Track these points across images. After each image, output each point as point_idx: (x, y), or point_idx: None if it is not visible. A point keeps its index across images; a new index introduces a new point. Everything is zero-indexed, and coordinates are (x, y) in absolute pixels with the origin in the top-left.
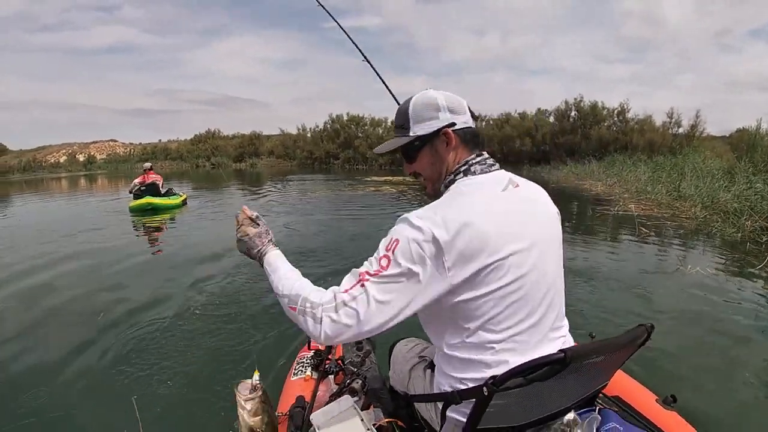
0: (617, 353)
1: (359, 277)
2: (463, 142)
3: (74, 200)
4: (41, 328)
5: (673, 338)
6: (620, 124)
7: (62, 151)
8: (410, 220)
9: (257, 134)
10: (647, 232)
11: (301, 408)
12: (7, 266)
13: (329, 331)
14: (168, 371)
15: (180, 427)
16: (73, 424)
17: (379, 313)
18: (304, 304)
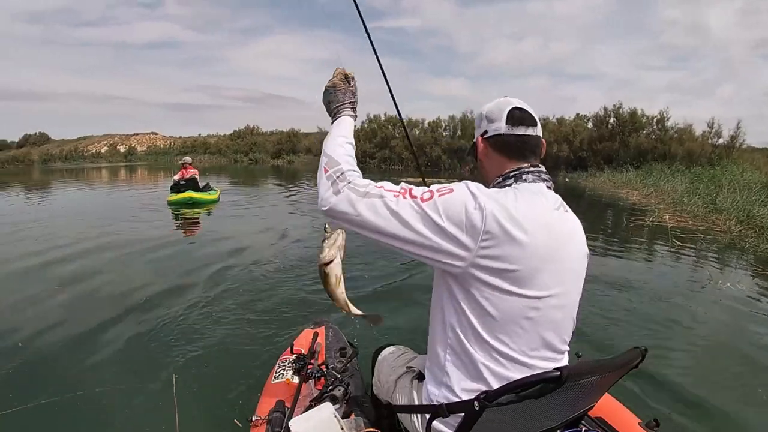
0: (610, 375)
1: (401, 188)
2: (496, 149)
3: (115, 190)
4: (85, 309)
5: (679, 357)
6: (659, 133)
7: (103, 142)
8: (470, 187)
9: (295, 131)
10: (680, 245)
11: (280, 413)
12: (53, 249)
13: (339, 206)
14: (205, 353)
15: (212, 404)
16: (114, 398)
17: (391, 228)
18: (337, 173)
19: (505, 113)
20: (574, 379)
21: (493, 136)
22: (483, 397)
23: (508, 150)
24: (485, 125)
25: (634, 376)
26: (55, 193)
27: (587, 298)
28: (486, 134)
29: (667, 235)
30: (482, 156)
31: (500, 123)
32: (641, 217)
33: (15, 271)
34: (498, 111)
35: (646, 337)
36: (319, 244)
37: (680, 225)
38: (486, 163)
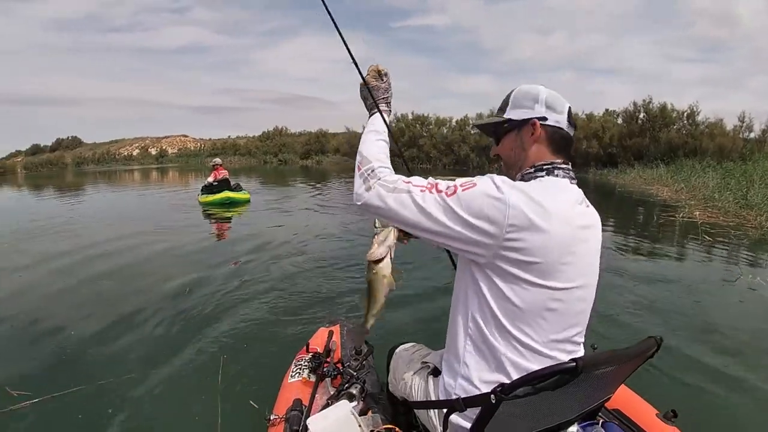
0: (626, 365)
1: (428, 183)
2: (548, 140)
3: (149, 192)
4: (107, 303)
5: (701, 349)
6: (690, 128)
7: (135, 145)
8: (494, 180)
9: (323, 132)
10: (711, 240)
11: (298, 411)
12: (93, 245)
13: (372, 201)
14: (222, 352)
15: (229, 403)
16: (131, 387)
17: (419, 221)
18: (369, 170)
19: (567, 109)
20: (589, 369)
21: (553, 126)
22: (499, 390)
23: (557, 145)
24: (544, 111)
25: (653, 367)
26: (91, 195)
27: (616, 291)
28: (546, 121)
29: (697, 230)
30: (529, 141)
31: (563, 117)
32: (671, 214)
33: (62, 266)
34: (560, 104)
35: (670, 330)
36: (350, 243)
37: (711, 221)
38: (528, 148)
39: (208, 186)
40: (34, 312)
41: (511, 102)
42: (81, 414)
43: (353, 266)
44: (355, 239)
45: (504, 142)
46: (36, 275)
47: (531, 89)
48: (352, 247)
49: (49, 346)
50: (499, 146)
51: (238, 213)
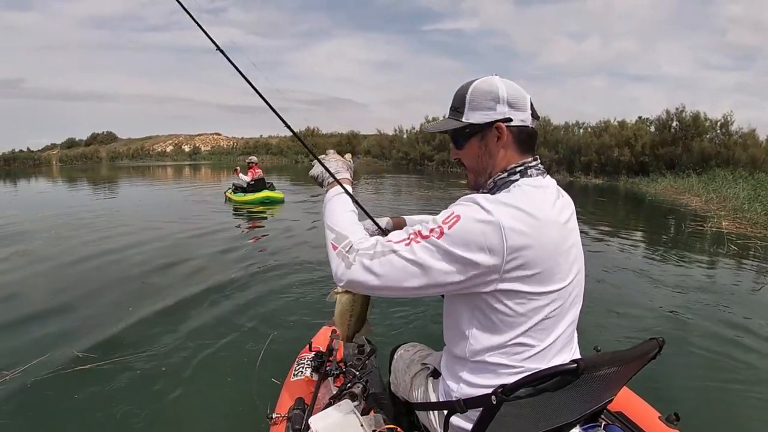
0: (628, 366)
1: (409, 235)
2: (516, 142)
3: (185, 187)
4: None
5: (702, 352)
6: (722, 137)
7: (168, 142)
8: (479, 202)
9: (355, 133)
10: (736, 250)
11: (300, 410)
12: (143, 241)
13: (356, 276)
14: (224, 350)
15: (231, 402)
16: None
17: (414, 277)
18: (346, 247)
19: (528, 103)
20: (591, 371)
21: (518, 126)
22: (500, 391)
23: (525, 144)
24: (507, 111)
25: (656, 370)
26: (130, 188)
27: (634, 295)
28: (510, 123)
29: (722, 241)
30: (496, 146)
31: (526, 114)
32: (700, 223)
33: (119, 254)
34: (522, 99)
35: (681, 333)
36: None
37: (738, 231)
38: (496, 154)
39: (247, 184)
40: (97, 290)
41: (469, 103)
42: (135, 376)
43: None
44: None
45: (467, 147)
46: (96, 261)
47: (489, 87)
48: None
49: (110, 319)
50: (462, 151)
51: (274, 213)
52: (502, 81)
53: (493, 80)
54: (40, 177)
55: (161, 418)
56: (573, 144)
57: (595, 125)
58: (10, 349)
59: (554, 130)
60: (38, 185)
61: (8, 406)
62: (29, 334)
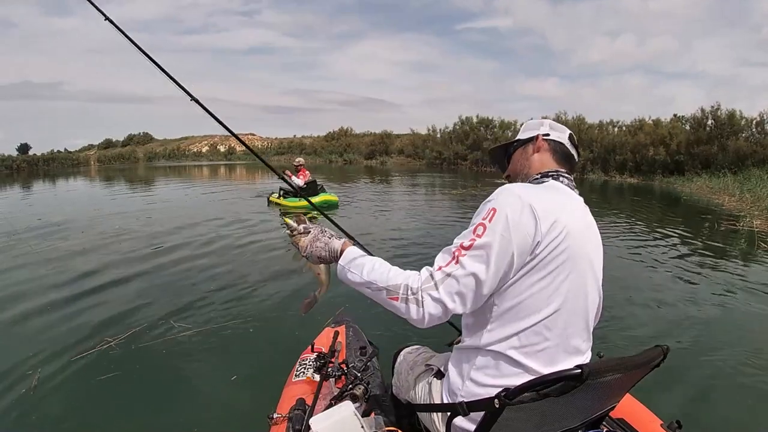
0: (632, 373)
1: (453, 254)
2: (551, 150)
3: (227, 188)
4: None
5: (710, 358)
6: (759, 136)
7: (204, 142)
8: (511, 190)
9: (388, 133)
10: (765, 248)
11: (301, 411)
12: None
13: (433, 311)
14: (229, 349)
15: (232, 401)
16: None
17: (480, 287)
18: (406, 291)
19: (567, 134)
20: (594, 376)
21: (554, 140)
22: (503, 395)
23: (560, 155)
24: (547, 130)
25: (659, 377)
26: (183, 189)
27: (651, 292)
28: (548, 136)
29: (752, 239)
30: (534, 151)
31: (564, 136)
32: (733, 222)
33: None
34: (561, 129)
35: (697, 336)
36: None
37: None
38: (534, 159)
39: (299, 187)
40: (186, 272)
41: (521, 130)
42: (138, 375)
43: None
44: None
45: (513, 159)
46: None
47: (536, 122)
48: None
49: (200, 297)
50: (510, 165)
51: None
52: (548, 120)
53: (532, 122)
54: (85, 176)
55: (162, 416)
56: (608, 143)
57: (630, 124)
58: (113, 319)
59: (589, 128)
60: (92, 184)
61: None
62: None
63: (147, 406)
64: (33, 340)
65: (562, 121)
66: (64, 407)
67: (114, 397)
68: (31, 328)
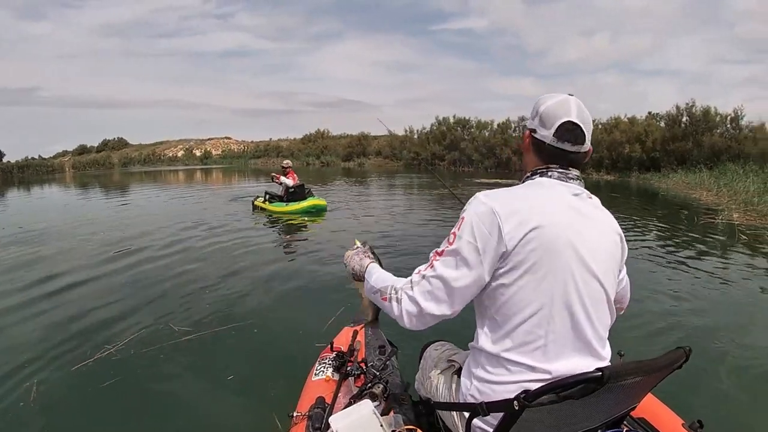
0: (653, 375)
1: (430, 259)
2: (536, 151)
3: (204, 193)
4: None
5: (726, 354)
6: (733, 132)
7: (179, 146)
8: (477, 197)
9: (365, 135)
10: (746, 240)
11: (320, 409)
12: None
13: (408, 308)
14: (249, 347)
15: (253, 400)
16: None
17: (447, 287)
18: (390, 291)
19: (557, 125)
20: (615, 379)
21: (539, 140)
22: (523, 396)
23: (546, 156)
24: (536, 124)
25: (680, 375)
26: (159, 193)
27: (645, 288)
28: (535, 134)
29: (733, 231)
30: (524, 148)
31: (549, 132)
32: (711, 216)
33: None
34: (552, 118)
35: (695, 330)
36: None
37: (748, 223)
38: (526, 154)
39: (279, 192)
40: (180, 276)
41: (530, 113)
42: (160, 374)
43: None
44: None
45: None
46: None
47: (540, 99)
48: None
49: (197, 301)
50: None
51: (319, 221)
52: (551, 101)
53: (547, 96)
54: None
55: (168, 422)
56: None
57: (606, 122)
58: (110, 326)
59: None
60: (67, 192)
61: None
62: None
63: (153, 412)
64: (29, 351)
65: None
66: (66, 418)
67: (118, 406)
68: (26, 338)
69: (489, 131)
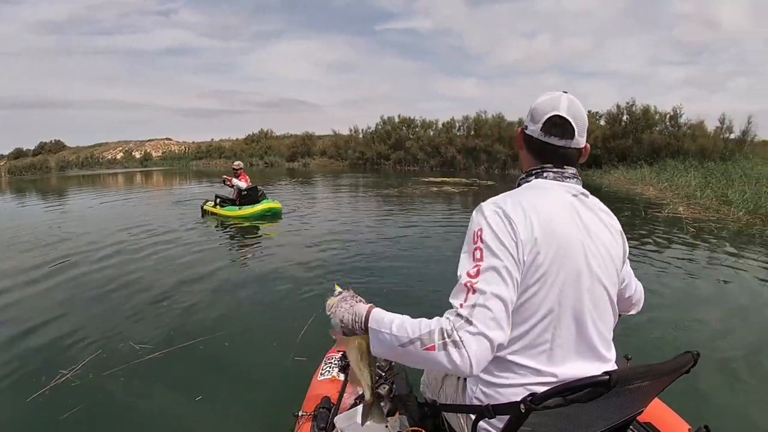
0: (661, 380)
1: (465, 286)
2: (528, 148)
3: (146, 197)
4: None
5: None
6: (672, 129)
7: (119, 148)
8: (485, 206)
9: (309, 135)
10: (694, 232)
11: (326, 409)
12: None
13: (476, 347)
14: (254, 348)
15: (258, 399)
16: None
17: (506, 306)
18: (442, 335)
19: (545, 119)
20: (623, 384)
21: (529, 135)
22: (530, 399)
23: (536, 153)
24: (528, 121)
25: (686, 380)
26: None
27: None
28: (527, 130)
29: (682, 224)
30: (518, 147)
31: (537, 127)
32: (657, 210)
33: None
34: (540, 113)
35: (695, 330)
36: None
37: (694, 216)
38: (521, 154)
39: (231, 195)
40: (132, 287)
41: None
42: (165, 373)
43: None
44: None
45: None
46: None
47: (536, 100)
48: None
49: (156, 315)
50: None
51: (274, 225)
52: (546, 97)
53: (542, 94)
54: None
55: (211, 395)
56: None
57: None
58: (62, 348)
59: (508, 126)
60: (2, 199)
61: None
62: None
63: (170, 405)
64: None
65: (482, 119)
66: None
67: (148, 400)
68: None
69: (434, 130)
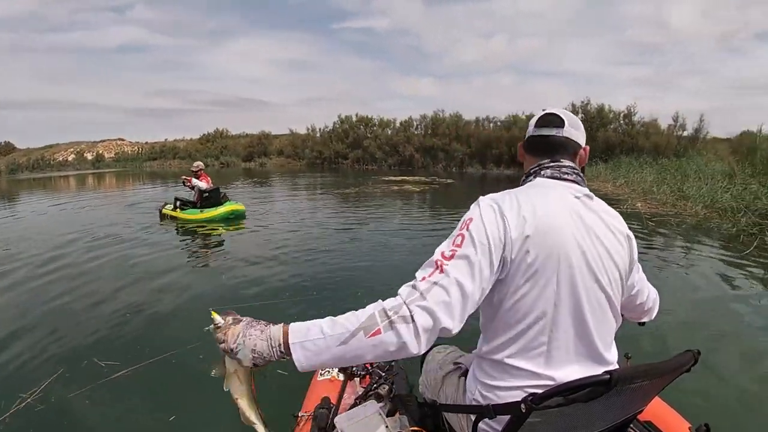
0: (662, 379)
1: (436, 263)
2: (526, 149)
3: (99, 200)
4: None
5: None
6: (626, 127)
7: (70, 150)
8: (483, 200)
9: (266, 134)
10: (654, 227)
11: (326, 409)
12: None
13: (424, 323)
14: None
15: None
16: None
17: (464, 297)
18: (384, 315)
19: (537, 117)
20: (623, 383)
21: (526, 138)
22: (530, 399)
23: (533, 149)
24: (530, 128)
25: (687, 379)
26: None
27: None
28: (525, 138)
29: (641, 219)
30: (520, 156)
31: (532, 127)
32: (615, 205)
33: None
34: (535, 118)
35: (696, 331)
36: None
37: (652, 211)
38: (524, 162)
39: (192, 198)
40: (95, 300)
41: None
42: (157, 377)
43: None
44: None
45: None
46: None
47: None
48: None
49: (120, 328)
50: None
51: (238, 228)
52: (549, 110)
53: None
54: None
55: (185, 414)
56: (484, 138)
57: (504, 119)
58: (20, 369)
59: (466, 125)
60: None
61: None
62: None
63: (165, 407)
64: None
65: (440, 118)
66: None
67: (140, 403)
68: None
69: (392, 129)
